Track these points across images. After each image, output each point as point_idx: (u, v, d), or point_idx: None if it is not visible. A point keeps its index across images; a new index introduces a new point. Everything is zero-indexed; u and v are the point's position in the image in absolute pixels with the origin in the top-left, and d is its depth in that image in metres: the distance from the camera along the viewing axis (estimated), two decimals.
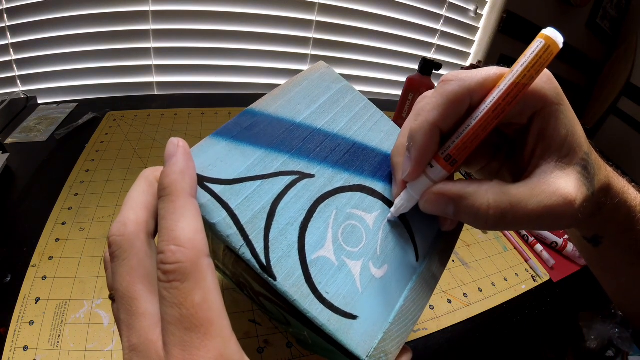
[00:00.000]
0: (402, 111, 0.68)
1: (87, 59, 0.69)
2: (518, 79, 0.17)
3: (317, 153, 0.23)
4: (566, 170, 0.19)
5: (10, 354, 0.29)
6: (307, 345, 0.30)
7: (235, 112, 0.67)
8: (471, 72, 0.19)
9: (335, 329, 0.18)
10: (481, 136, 0.19)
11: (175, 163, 0.16)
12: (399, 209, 0.22)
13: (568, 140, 0.19)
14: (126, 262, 0.15)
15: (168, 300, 0.14)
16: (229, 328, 0.14)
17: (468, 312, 0.41)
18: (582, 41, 1.06)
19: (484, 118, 0.18)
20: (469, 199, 0.18)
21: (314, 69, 0.27)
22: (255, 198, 0.20)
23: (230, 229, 0.18)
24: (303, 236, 0.20)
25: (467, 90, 0.19)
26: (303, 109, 0.24)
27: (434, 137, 0.19)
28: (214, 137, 0.21)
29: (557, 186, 0.18)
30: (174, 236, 0.14)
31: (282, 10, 0.76)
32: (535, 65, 0.17)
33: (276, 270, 0.18)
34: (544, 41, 0.17)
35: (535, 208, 0.18)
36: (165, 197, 0.16)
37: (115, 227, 0.16)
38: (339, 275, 0.20)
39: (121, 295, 0.15)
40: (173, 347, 0.13)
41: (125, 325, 0.14)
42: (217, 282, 0.15)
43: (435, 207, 0.20)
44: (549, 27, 0.17)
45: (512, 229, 0.19)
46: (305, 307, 0.18)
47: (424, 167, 0.20)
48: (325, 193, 0.22)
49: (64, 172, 0.49)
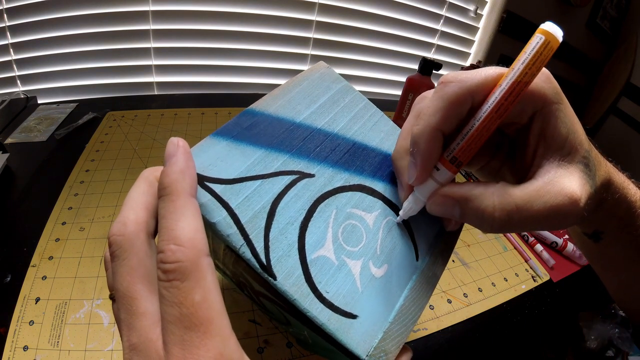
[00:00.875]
0: (402, 111, 0.68)
1: (87, 59, 0.69)
2: (520, 77, 0.17)
3: (317, 153, 0.23)
4: (569, 169, 0.19)
5: (10, 354, 0.29)
6: (307, 345, 0.30)
7: (235, 112, 0.67)
8: (471, 72, 0.19)
9: (335, 328, 0.18)
10: (485, 136, 0.19)
11: (175, 162, 0.16)
12: (407, 212, 0.22)
13: (569, 138, 0.19)
14: (126, 261, 0.15)
15: (168, 299, 0.14)
16: (228, 327, 0.14)
17: (468, 312, 0.41)
18: (582, 41, 1.06)
19: (487, 118, 0.18)
20: (475, 201, 0.19)
21: (314, 69, 0.27)
22: (256, 197, 0.20)
23: (231, 228, 0.18)
24: (303, 235, 0.20)
25: (467, 91, 0.18)
26: (303, 109, 0.24)
27: (438, 141, 0.19)
28: (214, 137, 0.21)
29: (562, 185, 0.18)
30: (174, 235, 0.14)
31: (282, 10, 0.76)
32: (536, 62, 0.17)
33: (276, 269, 0.18)
34: (544, 37, 0.17)
35: (541, 209, 0.18)
36: (166, 196, 0.16)
37: (116, 227, 0.16)
38: (338, 275, 0.20)
39: (121, 294, 0.15)
40: (173, 346, 0.13)
41: (125, 325, 0.14)
42: (216, 281, 0.15)
43: (442, 209, 0.20)
44: (547, 22, 0.17)
45: (518, 230, 0.19)
46: (305, 307, 0.18)
47: (429, 172, 0.20)
48: (325, 192, 0.22)
49: (64, 172, 0.49)
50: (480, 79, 0.19)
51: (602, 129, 1.17)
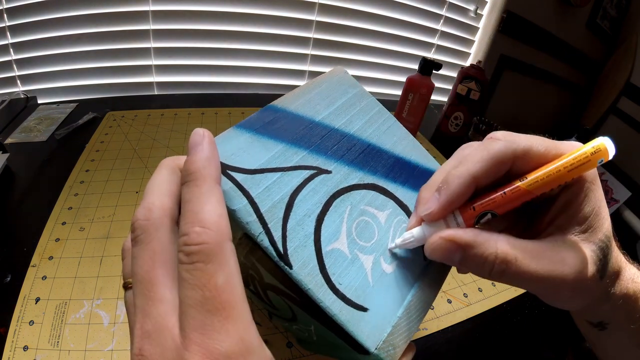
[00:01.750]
0: (402, 111, 0.68)
1: (87, 59, 0.69)
2: (566, 167, 0.18)
3: (335, 151, 0.24)
4: (580, 245, 0.19)
5: (10, 354, 0.29)
6: (308, 343, 0.30)
7: (235, 112, 0.68)
8: (519, 136, 0.20)
9: (347, 320, 0.19)
10: (517, 203, 0.19)
11: (201, 150, 0.16)
12: (404, 242, 0.22)
13: (591, 218, 0.19)
14: (150, 245, 0.15)
15: (189, 282, 0.13)
16: (249, 314, 0.14)
17: (468, 312, 0.41)
18: (582, 41, 1.06)
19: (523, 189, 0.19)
20: (479, 248, 0.18)
21: (332, 73, 0.28)
22: (275, 189, 0.20)
23: (250, 216, 0.19)
24: (319, 228, 0.20)
25: (512, 153, 0.19)
26: (322, 109, 0.25)
27: (469, 187, 0.19)
28: (238, 129, 0.22)
29: (564, 256, 0.18)
30: (200, 218, 0.14)
31: (282, 10, 0.76)
32: (583, 164, 0.18)
33: (292, 259, 0.19)
34: (601, 148, 0.17)
35: (535, 269, 0.18)
36: (191, 182, 0.16)
37: (141, 212, 0.16)
38: (351, 268, 0.20)
39: (140, 279, 0.15)
40: (192, 331, 0.13)
41: (140, 311, 0.14)
42: (238, 267, 0.15)
43: (442, 253, 0.19)
44: (606, 137, 0.18)
45: (513, 284, 0.19)
46: (319, 297, 0.19)
47: (447, 212, 0.20)
48: (340, 189, 0.22)
49: (64, 172, 0.49)
50: (526, 146, 0.19)
51: (602, 129, 1.17)
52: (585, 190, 0.19)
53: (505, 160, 0.19)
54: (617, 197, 0.80)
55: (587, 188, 0.19)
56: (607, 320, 0.24)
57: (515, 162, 0.19)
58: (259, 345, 0.14)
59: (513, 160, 0.19)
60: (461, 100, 0.73)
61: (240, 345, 0.13)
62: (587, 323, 0.25)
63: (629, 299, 0.22)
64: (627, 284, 0.22)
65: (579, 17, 1.01)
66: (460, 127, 0.76)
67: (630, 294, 0.22)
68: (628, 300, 0.22)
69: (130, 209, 0.44)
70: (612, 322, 0.24)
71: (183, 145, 0.57)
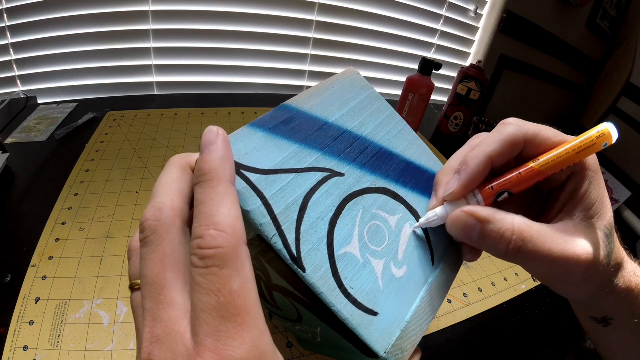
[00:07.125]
0: (402, 111, 0.68)
1: (87, 59, 0.69)
2: (573, 150, 0.19)
3: (348, 154, 0.24)
4: (590, 229, 0.20)
5: (10, 354, 0.29)
6: (310, 344, 0.30)
7: (235, 112, 0.68)
8: (529, 122, 0.22)
9: (358, 324, 0.19)
10: (527, 184, 0.21)
11: (215, 150, 0.16)
12: (429, 221, 0.23)
13: (597, 205, 0.21)
14: (160, 247, 0.14)
15: (204, 287, 0.13)
16: (264, 320, 0.14)
17: (468, 312, 0.41)
18: (582, 41, 1.06)
19: (537, 168, 0.20)
20: (497, 224, 0.19)
21: (345, 74, 0.28)
22: (289, 190, 0.20)
23: (264, 217, 0.18)
24: (332, 231, 0.20)
25: (524, 135, 0.21)
26: (335, 111, 0.25)
27: (486, 167, 0.21)
28: (251, 127, 0.21)
29: (577, 237, 0.19)
30: (215, 221, 0.14)
31: (282, 10, 0.76)
32: (588, 147, 0.19)
33: (306, 262, 0.19)
34: (604, 133, 0.19)
35: (550, 248, 0.19)
36: (205, 182, 0.15)
37: (150, 212, 0.15)
38: (363, 272, 0.20)
39: (149, 282, 0.14)
40: (205, 337, 0.12)
41: (150, 315, 0.14)
42: (253, 271, 0.14)
43: (462, 229, 0.20)
44: (610, 123, 0.19)
45: (527, 263, 0.20)
46: (331, 301, 0.19)
47: (468, 191, 0.21)
48: (353, 192, 0.22)
49: (64, 172, 0.49)
50: (535, 130, 0.21)
51: None
52: (590, 178, 0.21)
53: (518, 142, 0.21)
54: (617, 197, 0.80)
55: (591, 176, 0.21)
56: (611, 315, 0.24)
57: (526, 146, 0.21)
58: (273, 352, 0.14)
59: (524, 143, 0.21)
60: (461, 100, 0.73)
61: (255, 352, 0.13)
62: (592, 320, 0.25)
63: (631, 292, 0.22)
64: (630, 277, 0.22)
65: (579, 17, 1.01)
66: (460, 127, 0.76)
67: (633, 288, 0.22)
68: (631, 293, 0.22)
69: (130, 209, 0.44)
70: (616, 317, 0.24)
71: (183, 145, 0.57)
